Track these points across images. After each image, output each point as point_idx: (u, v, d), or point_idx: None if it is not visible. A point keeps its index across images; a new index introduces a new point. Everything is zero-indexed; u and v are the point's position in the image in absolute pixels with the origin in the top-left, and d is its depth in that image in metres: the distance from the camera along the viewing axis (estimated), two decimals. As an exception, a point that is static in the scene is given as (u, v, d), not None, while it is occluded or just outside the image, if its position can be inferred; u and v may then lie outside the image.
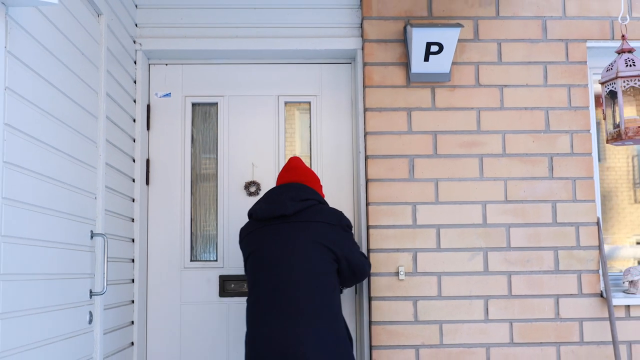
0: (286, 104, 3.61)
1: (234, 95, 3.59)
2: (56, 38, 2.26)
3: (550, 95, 3.40)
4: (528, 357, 3.24)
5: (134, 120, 3.38)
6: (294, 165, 3.05)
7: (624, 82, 3.07)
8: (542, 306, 3.27)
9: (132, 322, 3.30)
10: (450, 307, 3.26)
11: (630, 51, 3.14)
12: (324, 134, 3.57)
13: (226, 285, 3.48)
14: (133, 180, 3.34)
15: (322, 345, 2.61)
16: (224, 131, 3.57)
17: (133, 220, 3.33)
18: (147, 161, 3.50)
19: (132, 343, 3.29)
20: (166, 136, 3.54)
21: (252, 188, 3.51)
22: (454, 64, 3.38)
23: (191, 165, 3.55)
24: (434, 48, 3.25)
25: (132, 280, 3.31)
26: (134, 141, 3.37)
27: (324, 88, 3.60)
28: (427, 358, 3.23)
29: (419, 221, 3.29)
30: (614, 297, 3.27)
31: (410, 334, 3.24)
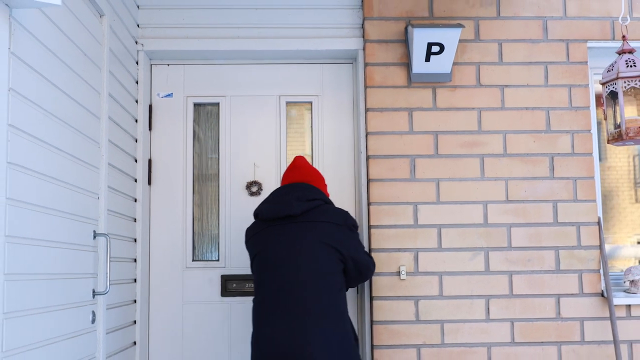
0: (287, 103, 3.62)
1: (236, 95, 3.60)
2: (59, 39, 2.27)
3: (551, 95, 3.41)
4: (529, 357, 3.25)
5: (136, 121, 3.39)
6: (299, 165, 3.04)
7: (625, 82, 3.08)
8: (543, 306, 3.28)
9: (135, 322, 3.31)
10: (451, 307, 3.27)
11: (630, 52, 3.15)
12: (326, 134, 3.58)
13: (228, 285, 3.48)
14: (135, 180, 3.35)
15: (328, 345, 2.62)
16: (225, 131, 3.58)
17: (135, 220, 3.35)
18: (149, 161, 3.51)
19: (135, 343, 3.30)
20: (168, 136, 3.55)
21: (253, 188, 3.52)
22: (455, 64, 3.39)
23: (193, 165, 3.57)
24: (435, 48, 3.26)
25: (135, 280, 3.32)
26: (136, 141, 3.38)
27: (325, 88, 3.61)
28: (429, 357, 3.24)
29: (420, 221, 3.30)
30: (614, 296, 3.28)
31: (411, 333, 3.24)
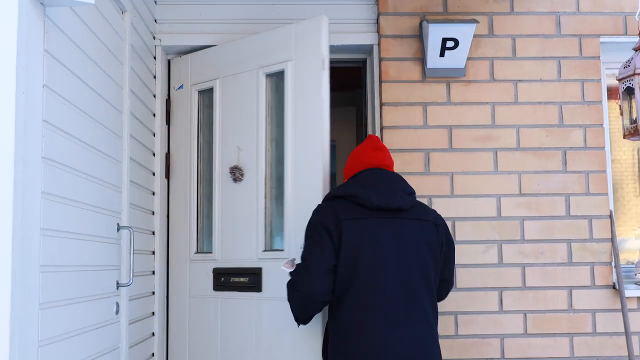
0: (266, 75, 3.21)
1: (228, 76, 3.37)
2: (87, 36, 2.32)
3: (563, 90, 3.45)
4: (541, 348, 3.31)
5: (154, 115, 3.44)
6: (381, 146, 2.72)
7: (641, 78, 3.11)
8: (555, 298, 3.33)
9: (153, 313, 3.36)
10: (465, 299, 3.32)
11: (646, 48, 3.17)
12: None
13: (218, 279, 3.31)
14: (153, 173, 3.40)
15: (438, 354, 2.55)
16: (217, 115, 3.39)
17: (153, 213, 3.40)
18: (167, 155, 3.55)
19: (153, 334, 3.36)
20: (183, 129, 3.53)
21: (236, 173, 3.28)
22: (469, 59, 3.43)
23: (197, 156, 3.48)
24: (450, 43, 3.30)
25: (153, 272, 3.37)
26: (154, 135, 3.43)
27: (298, 54, 3.12)
28: (443, 348, 3.24)
29: (435, 214, 3.34)
30: (626, 288, 3.33)
31: (425, 324, 3.29)
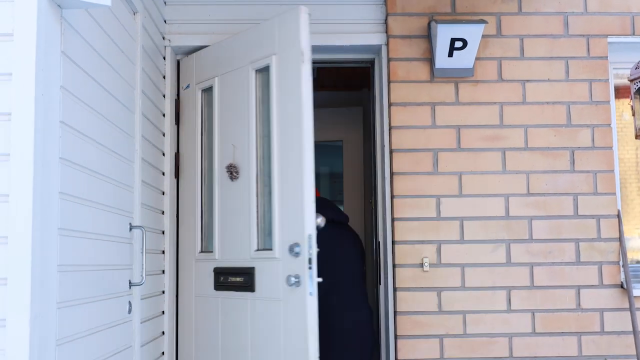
0: (257, 71, 3.14)
1: (224, 73, 3.31)
2: (101, 37, 2.34)
3: (571, 90, 3.46)
4: (549, 347, 3.32)
5: (164, 115, 3.45)
6: None
7: (654, 80, 3.14)
8: (563, 297, 3.35)
9: (163, 312, 3.38)
10: (473, 298, 3.33)
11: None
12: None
13: (218, 278, 3.26)
14: (163, 173, 3.42)
15: None
16: (216, 113, 3.35)
17: (163, 212, 3.41)
18: (177, 154, 3.56)
19: (163, 332, 3.37)
20: (191, 129, 3.52)
21: (232, 171, 3.21)
22: (477, 59, 3.44)
23: (201, 155, 3.46)
24: (458, 44, 3.31)
25: (163, 272, 3.39)
26: (164, 135, 3.45)
27: (281, 47, 3.07)
28: (451, 347, 3.31)
29: (443, 213, 3.37)
30: (634, 288, 3.34)
31: (434, 323, 3.31)
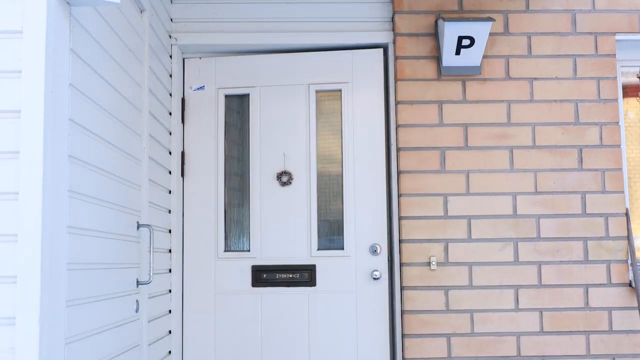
0: (317, 92, 3.61)
1: (265, 86, 3.62)
2: (109, 35, 2.33)
3: (579, 87, 3.45)
4: (557, 346, 3.31)
5: (170, 114, 3.45)
6: None
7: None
8: (571, 296, 3.33)
9: (170, 311, 3.38)
10: (481, 297, 3.32)
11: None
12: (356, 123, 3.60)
13: (259, 276, 3.54)
14: (169, 172, 3.41)
15: None
16: (255, 121, 3.61)
17: (169, 211, 3.41)
18: (182, 154, 3.57)
19: (170, 332, 3.37)
20: (201, 129, 3.59)
21: (284, 178, 3.56)
22: (484, 57, 3.43)
23: (224, 157, 3.60)
24: (466, 42, 3.30)
25: (169, 270, 3.39)
26: (170, 134, 3.44)
27: (355, 76, 3.63)
28: (458, 346, 3.30)
29: (450, 212, 3.36)
30: (642, 286, 3.33)
31: (441, 322, 3.30)
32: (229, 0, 3.53)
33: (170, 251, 3.40)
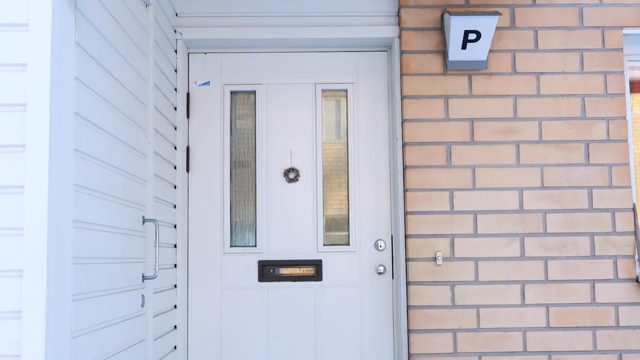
0: (323, 91, 3.66)
1: (272, 83, 3.65)
2: (114, 29, 2.32)
3: (586, 82, 3.43)
4: (564, 341, 3.29)
5: (175, 109, 3.44)
6: None
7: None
8: (578, 291, 3.32)
9: (175, 306, 3.37)
10: (487, 292, 3.31)
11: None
12: (361, 121, 3.63)
13: (265, 270, 3.55)
14: (175, 167, 3.41)
15: None
16: (262, 118, 3.63)
17: (175, 206, 3.41)
18: (188, 148, 3.56)
19: (175, 327, 3.37)
20: (206, 124, 3.60)
21: (291, 174, 3.58)
22: (490, 51, 3.41)
23: (230, 153, 3.62)
24: (472, 36, 3.28)
25: (175, 266, 3.38)
26: (175, 129, 3.44)
27: (360, 76, 3.64)
28: (464, 341, 3.29)
29: (456, 207, 3.34)
30: (649, 282, 3.31)
31: (447, 318, 3.29)
32: (234, -6, 3.52)
33: (175, 246, 3.40)
